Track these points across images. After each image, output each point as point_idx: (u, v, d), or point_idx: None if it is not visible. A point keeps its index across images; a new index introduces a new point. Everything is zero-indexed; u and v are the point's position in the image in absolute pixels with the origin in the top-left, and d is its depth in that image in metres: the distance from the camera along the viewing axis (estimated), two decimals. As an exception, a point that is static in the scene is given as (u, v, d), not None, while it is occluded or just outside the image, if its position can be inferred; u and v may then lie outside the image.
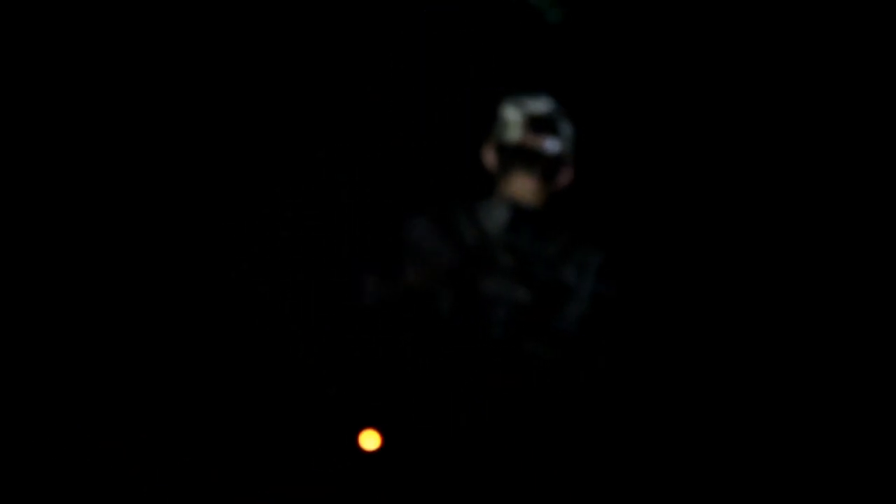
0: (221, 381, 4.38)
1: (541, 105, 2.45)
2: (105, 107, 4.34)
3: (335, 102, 4.48)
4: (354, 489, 3.58)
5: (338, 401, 3.90)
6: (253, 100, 4.44)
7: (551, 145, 2.42)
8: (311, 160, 4.49)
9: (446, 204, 2.42)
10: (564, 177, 2.47)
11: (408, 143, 4.49)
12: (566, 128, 2.46)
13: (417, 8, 4.40)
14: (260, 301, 4.45)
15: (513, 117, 2.44)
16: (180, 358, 4.36)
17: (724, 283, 4.29)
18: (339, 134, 4.50)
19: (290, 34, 4.43)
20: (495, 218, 2.37)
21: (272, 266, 4.47)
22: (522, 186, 2.41)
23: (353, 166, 4.50)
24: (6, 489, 3.94)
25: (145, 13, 4.32)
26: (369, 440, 3.64)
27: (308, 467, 4.24)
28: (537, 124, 2.42)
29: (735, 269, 4.31)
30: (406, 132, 4.49)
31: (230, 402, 4.35)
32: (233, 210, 4.45)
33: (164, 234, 4.40)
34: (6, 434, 4.07)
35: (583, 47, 4.32)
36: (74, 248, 4.31)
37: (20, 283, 4.25)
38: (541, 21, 4.38)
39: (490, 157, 2.49)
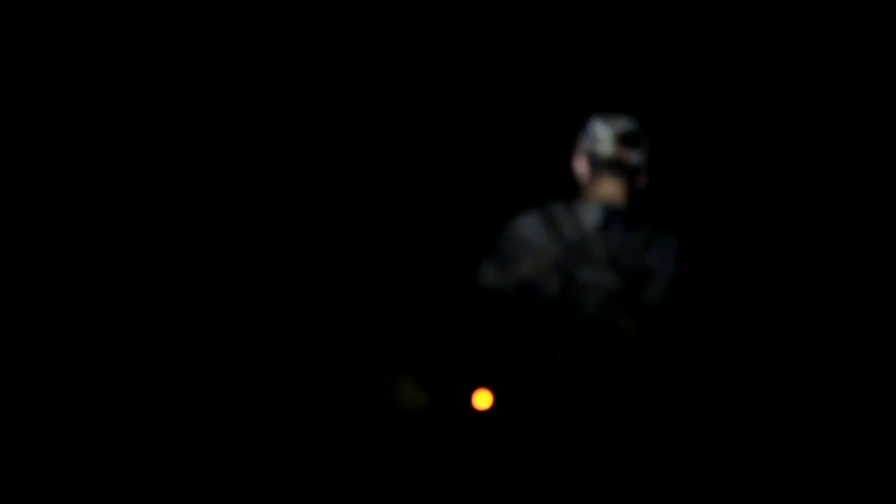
0: (222, 380, 4.38)
1: (627, 124, 2.91)
2: (106, 108, 4.34)
3: (335, 102, 4.49)
4: (466, 445, 4.02)
5: (458, 368, 4.34)
6: (253, 100, 4.45)
7: (636, 158, 2.91)
8: (311, 160, 4.49)
9: (550, 205, 2.87)
10: (642, 180, 2.94)
11: (408, 143, 4.50)
12: (645, 141, 2.92)
13: (417, 8, 4.41)
14: (260, 301, 4.46)
15: (603, 134, 2.90)
16: (181, 358, 4.37)
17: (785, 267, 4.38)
18: (339, 134, 4.50)
19: (291, 34, 4.44)
20: (591, 217, 2.85)
21: (272, 266, 4.48)
22: (611, 191, 2.89)
23: (353, 166, 4.51)
24: (6, 489, 3.95)
25: (146, 13, 4.32)
26: (482, 399, 4.07)
27: (309, 466, 4.24)
28: (626, 140, 2.90)
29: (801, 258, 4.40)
30: (406, 132, 4.50)
31: (230, 401, 4.36)
32: (233, 210, 4.46)
33: (165, 234, 4.40)
34: (6, 434, 4.08)
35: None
36: (75, 249, 4.32)
37: (20, 282, 4.25)
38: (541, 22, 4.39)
39: (582, 166, 2.92)
